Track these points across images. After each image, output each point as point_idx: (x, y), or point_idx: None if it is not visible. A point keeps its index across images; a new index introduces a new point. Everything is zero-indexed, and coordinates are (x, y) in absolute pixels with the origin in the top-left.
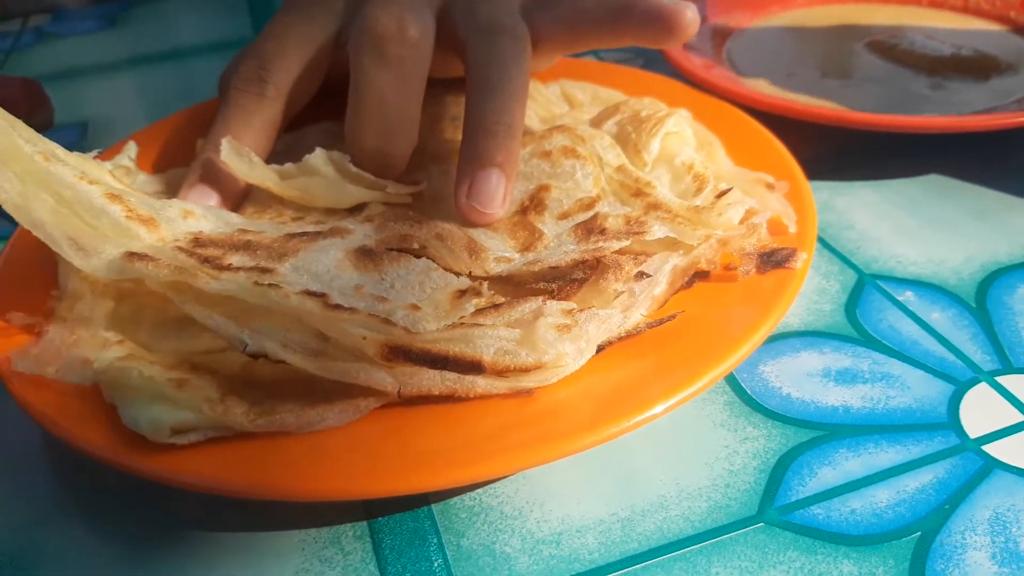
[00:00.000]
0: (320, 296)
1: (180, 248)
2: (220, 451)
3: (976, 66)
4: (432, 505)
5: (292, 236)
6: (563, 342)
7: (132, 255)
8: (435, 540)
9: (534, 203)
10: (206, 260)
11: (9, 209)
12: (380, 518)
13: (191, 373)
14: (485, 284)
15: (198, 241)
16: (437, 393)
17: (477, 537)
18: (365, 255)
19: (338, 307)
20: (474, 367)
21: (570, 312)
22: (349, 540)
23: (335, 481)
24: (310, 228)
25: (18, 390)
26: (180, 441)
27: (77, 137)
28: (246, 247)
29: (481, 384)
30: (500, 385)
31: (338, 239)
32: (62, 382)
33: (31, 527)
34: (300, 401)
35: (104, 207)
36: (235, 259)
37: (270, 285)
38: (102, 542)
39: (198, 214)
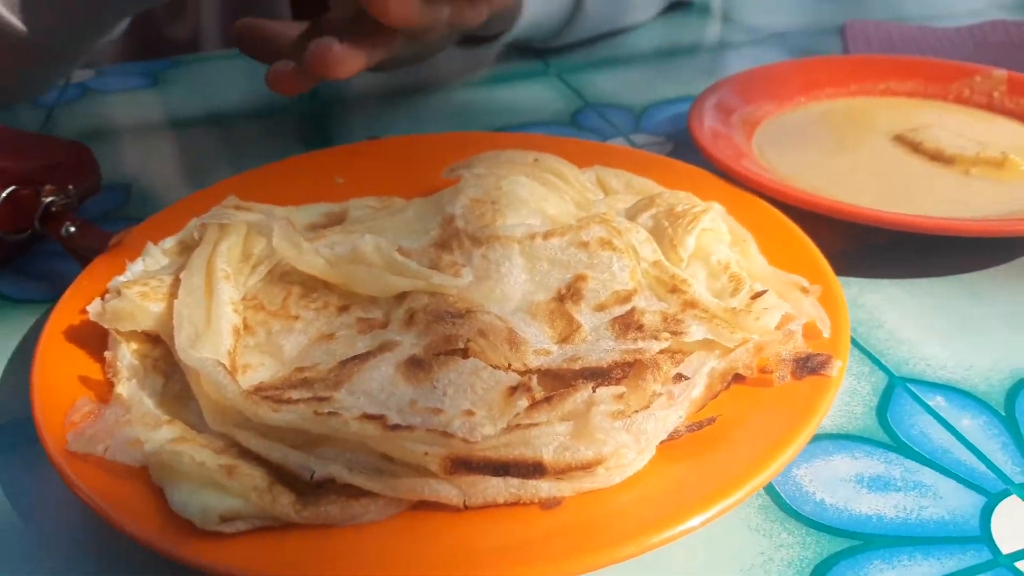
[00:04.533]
0: (379, 418)
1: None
2: (265, 541)
3: (1001, 165)
4: None
5: (345, 363)
6: (619, 431)
7: (221, 365)
8: None
9: (571, 292)
10: (267, 398)
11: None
12: None
13: (239, 459)
14: (534, 378)
15: (259, 388)
16: (502, 502)
17: None
18: (415, 366)
19: (397, 427)
20: (536, 470)
21: (621, 397)
22: None
23: None
24: (360, 343)
25: (65, 469)
26: (227, 529)
27: (121, 201)
28: (303, 383)
29: (545, 488)
30: (564, 488)
31: (387, 354)
32: (111, 461)
33: None
34: (345, 493)
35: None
36: (294, 394)
37: (330, 413)
38: None
39: (255, 364)
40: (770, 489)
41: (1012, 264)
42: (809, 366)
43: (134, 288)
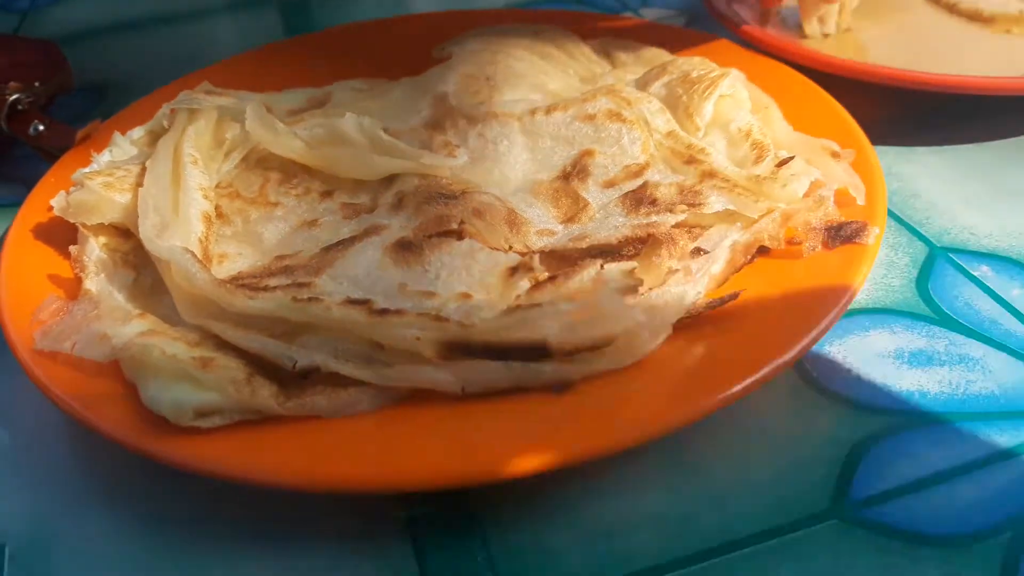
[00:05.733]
0: (363, 303)
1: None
2: (246, 436)
3: None
4: (475, 494)
5: (328, 249)
6: (631, 309)
7: (191, 252)
8: (479, 533)
9: (577, 169)
10: (243, 287)
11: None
12: (419, 508)
13: (216, 351)
14: (536, 257)
15: (237, 278)
16: (504, 387)
17: (524, 530)
18: (404, 248)
19: (384, 311)
20: (540, 352)
21: (632, 272)
22: (386, 532)
23: (369, 472)
24: (345, 229)
25: (32, 368)
26: (204, 424)
27: (96, 101)
28: (283, 271)
29: (549, 371)
30: (572, 371)
31: (374, 237)
32: (82, 359)
33: (48, 513)
34: (332, 382)
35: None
36: (273, 282)
37: (310, 299)
38: (121, 531)
39: (232, 254)
40: (801, 368)
41: None
42: (842, 235)
43: (98, 179)
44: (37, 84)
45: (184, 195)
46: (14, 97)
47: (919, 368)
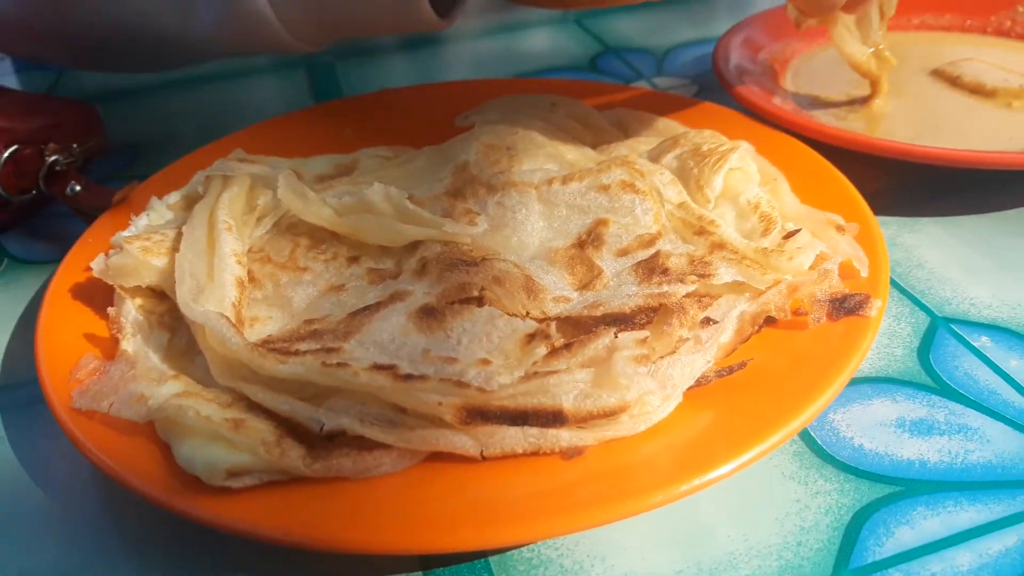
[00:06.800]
0: (389, 368)
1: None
2: (275, 497)
3: None
4: (490, 557)
5: (355, 314)
6: (643, 377)
7: (225, 317)
8: None
9: (592, 237)
10: (274, 351)
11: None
12: (435, 569)
13: (247, 413)
14: (552, 325)
15: (267, 341)
16: (521, 451)
17: None
18: (427, 315)
19: (409, 377)
20: (556, 418)
21: (645, 341)
22: None
23: (391, 534)
24: (371, 294)
25: (70, 426)
26: (235, 484)
27: (129, 161)
28: (312, 335)
29: (566, 437)
30: (586, 437)
31: (399, 304)
32: (117, 418)
33: (80, 569)
34: (357, 444)
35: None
36: (303, 346)
37: (339, 364)
38: None
39: (263, 317)
40: (805, 435)
41: None
42: (846, 307)
43: (136, 243)
44: (75, 146)
45: (219, 261)
46: (53, 158)
47: (920, 437)
